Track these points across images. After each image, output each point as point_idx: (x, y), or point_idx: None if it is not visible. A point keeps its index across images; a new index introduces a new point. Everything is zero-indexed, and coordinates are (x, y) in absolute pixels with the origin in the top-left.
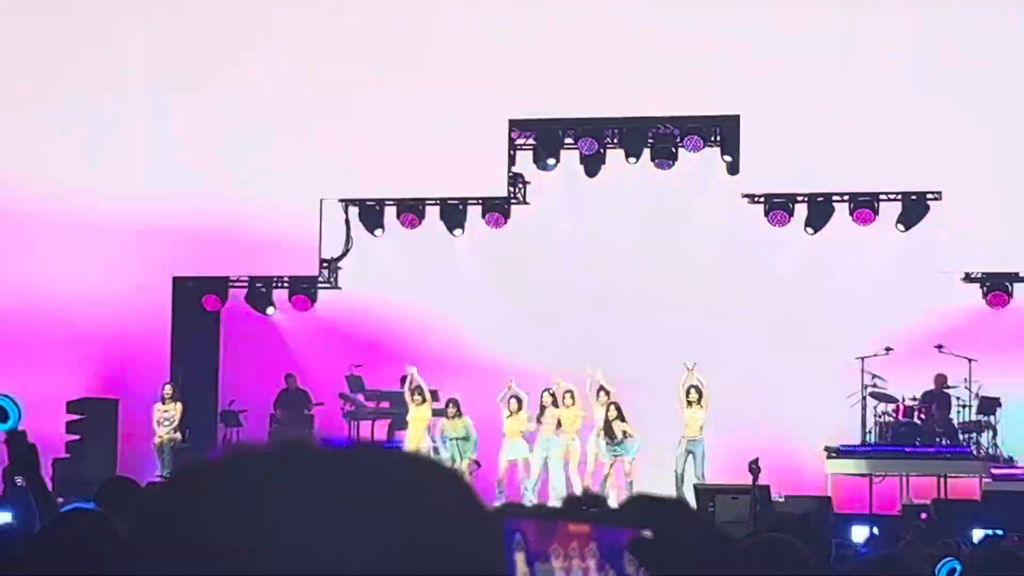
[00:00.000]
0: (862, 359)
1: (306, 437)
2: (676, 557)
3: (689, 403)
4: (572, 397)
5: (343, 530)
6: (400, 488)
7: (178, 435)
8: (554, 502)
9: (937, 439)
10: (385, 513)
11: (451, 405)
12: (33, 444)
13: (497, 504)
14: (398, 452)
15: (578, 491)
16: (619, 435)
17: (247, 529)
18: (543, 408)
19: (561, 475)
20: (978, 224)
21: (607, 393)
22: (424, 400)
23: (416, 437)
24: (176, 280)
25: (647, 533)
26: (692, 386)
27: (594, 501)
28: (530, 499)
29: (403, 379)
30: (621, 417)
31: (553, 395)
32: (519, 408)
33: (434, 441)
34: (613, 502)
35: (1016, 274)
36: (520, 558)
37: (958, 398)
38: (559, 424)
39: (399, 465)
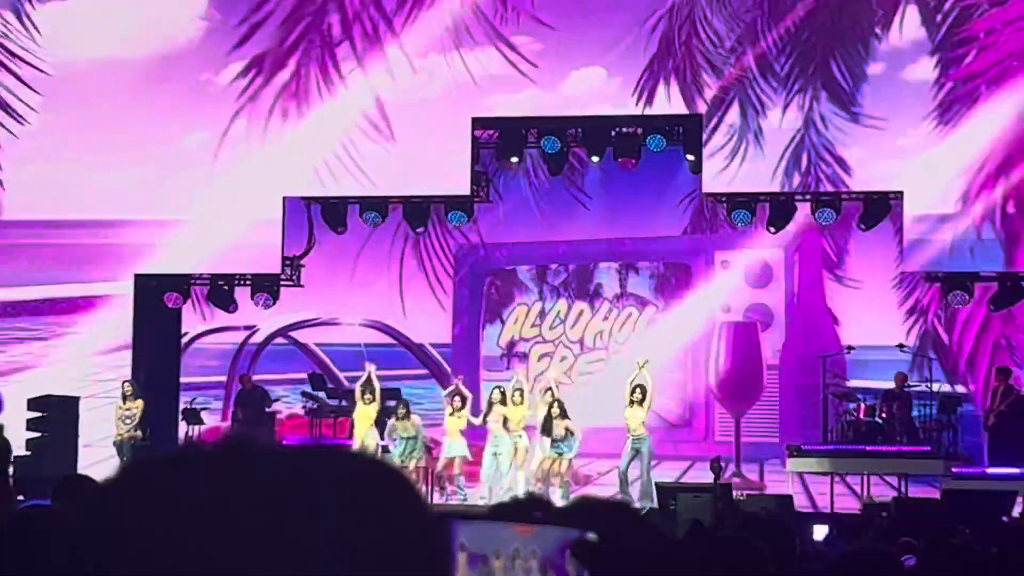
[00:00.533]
0: (823, 358)
1: (254, 436)
2: (619, 560)
3: (632, 402)
4: (521, 395)
5: (288, 530)
6: (345, 488)
7: (138, 433)
8: (503, 500)
9: (898, 438)
10: (330, 513)
11: (401, 405)
12: (6, 441)
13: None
14: (346, 451)
15: (524, 489)
16: (560, 433)
17: (191, 527)
18: (491, 405)
19: (509, 473)
20: (939, 224)
21: (552, 391)
22: (374, 399)
23: (361, 434)
24: (138, 277)
25: (591, 536)
26: (638, 385)
27: (539, 503)
28: (484, 498)
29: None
30: (564, 415)
31: (503, 392)
32: (462, 406)
33: (383, 440)
34: (555, 500)
35: (976, 274)
36: (463, 560)
37: (919, 397)
38: (506, 422)
39: (345, 465)
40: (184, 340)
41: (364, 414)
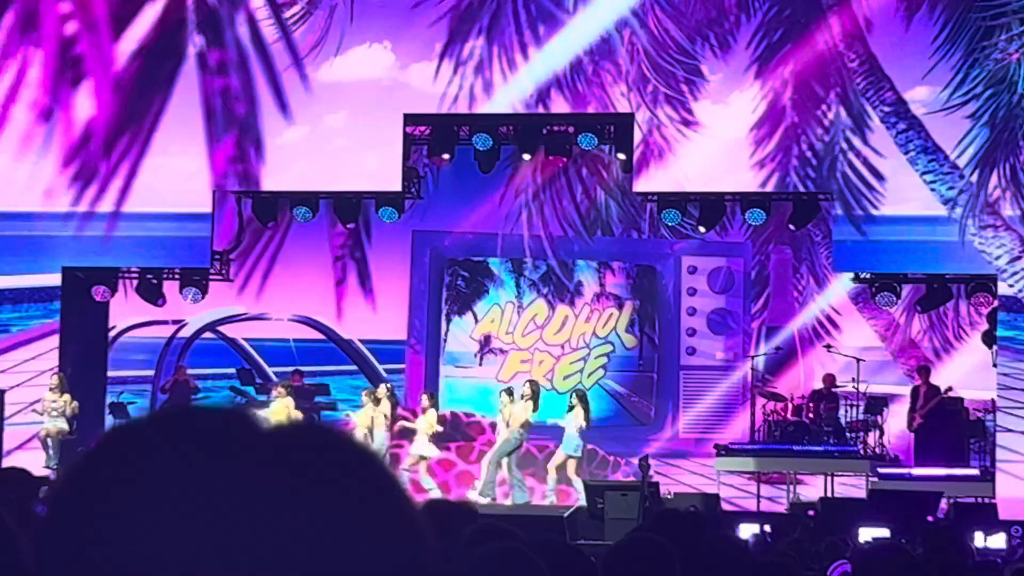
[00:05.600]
0: (751, 357)
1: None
2: None
3: (522, 396)
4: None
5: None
6: (327, 467)
7: (65, 426)
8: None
9: (825, 438)
10: (314, 492)
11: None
12: None
13: None
14: (329, 429)
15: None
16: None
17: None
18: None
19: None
20: (867, 224)
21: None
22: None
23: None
24: (65, 270)
25: None
26: (530, 380)
27: None
28: None
29: (296, 372)
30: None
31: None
32: (431, 406)
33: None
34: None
35: (904, 275)
36: None
37: (846, 397)
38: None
39: (328, 443)
40: (112, 334)
41: (281, 406)
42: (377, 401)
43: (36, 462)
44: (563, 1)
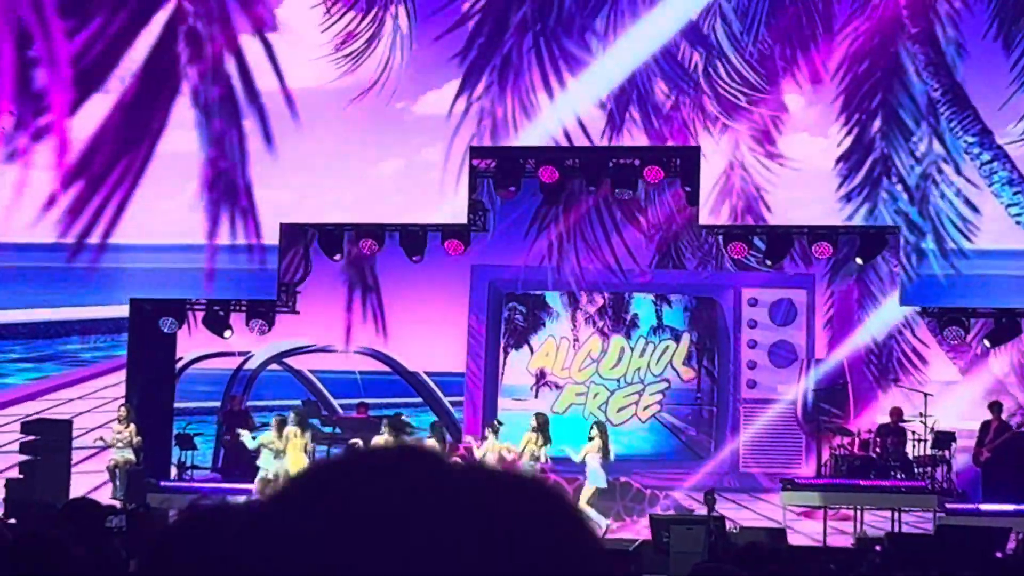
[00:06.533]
0: (817, 391)
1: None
2: None
3: (531, 428)
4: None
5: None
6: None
7: (132, 456)
8: None
9: (892, 473)
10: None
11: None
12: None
13: None
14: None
15: None
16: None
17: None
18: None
19: None
20: (934, 259)
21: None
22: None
23: (296, 462)
24: (133, 302)
25: None
26: (536, 413)
27: None
28: None
29: (361, 404)
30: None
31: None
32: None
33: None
34: None
35: (974, 310)
36: None
37: (913, 432)
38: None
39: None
40: (179, 365)
41: (297, 443)
42: (396, 432)
43: (96, 483)
44: (590, 45)
